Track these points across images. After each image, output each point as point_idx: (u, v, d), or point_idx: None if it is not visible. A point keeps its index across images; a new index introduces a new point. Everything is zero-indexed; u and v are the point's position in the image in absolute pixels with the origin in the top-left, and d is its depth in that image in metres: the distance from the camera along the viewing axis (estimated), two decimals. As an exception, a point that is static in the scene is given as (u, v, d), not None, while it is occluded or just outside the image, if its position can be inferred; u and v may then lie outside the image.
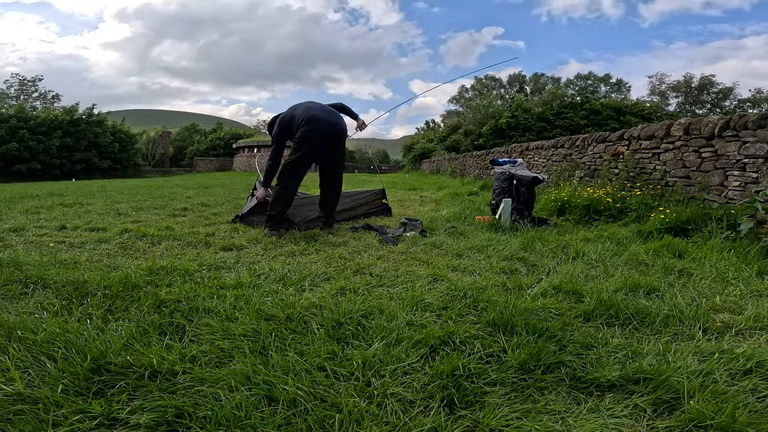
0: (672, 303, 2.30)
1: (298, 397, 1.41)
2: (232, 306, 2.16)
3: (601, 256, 3.41)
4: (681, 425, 1.33)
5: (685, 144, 5.06)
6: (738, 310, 2.29)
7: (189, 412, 1.33)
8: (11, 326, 1.81)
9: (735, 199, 4.24)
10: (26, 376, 1.48)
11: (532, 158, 10.15)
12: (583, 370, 1.62)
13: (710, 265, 3.15)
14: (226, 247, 3.65)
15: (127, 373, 1.53)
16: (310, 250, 3.60)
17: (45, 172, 31.40)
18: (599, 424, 1.33)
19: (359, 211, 5.52)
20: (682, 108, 37.93)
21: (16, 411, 1.30)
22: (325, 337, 1.85)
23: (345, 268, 3.01)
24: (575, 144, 7.88)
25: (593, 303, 2.24)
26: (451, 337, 1.85)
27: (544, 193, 6.90)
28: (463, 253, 3.53)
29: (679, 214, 4.34)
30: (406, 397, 1.46)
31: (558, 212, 5.89)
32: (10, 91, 40.67)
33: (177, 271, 2.77)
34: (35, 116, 32.89)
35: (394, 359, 1.67)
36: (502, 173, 5.50)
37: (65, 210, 6.12)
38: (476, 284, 2.59)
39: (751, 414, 1.36)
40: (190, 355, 1.65)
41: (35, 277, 2.50)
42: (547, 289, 2.50)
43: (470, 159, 17.60)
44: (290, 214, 4.58)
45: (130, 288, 2.39)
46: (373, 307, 2.16)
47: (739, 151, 4.24)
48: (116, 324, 1.92)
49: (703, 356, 1.74)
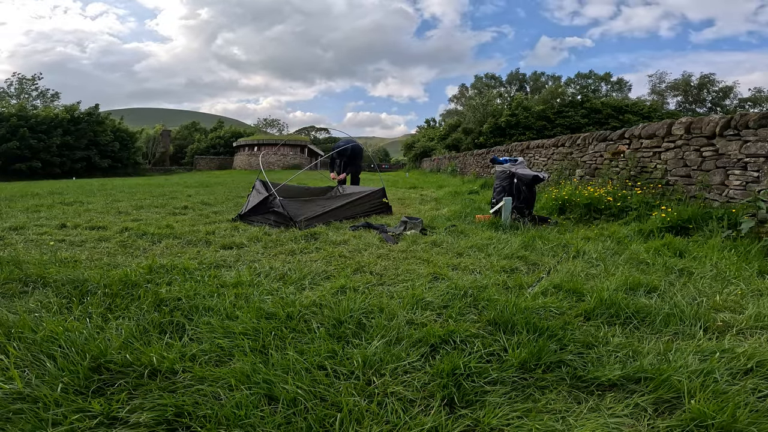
0: (673, 302, 2.30)
1: (299, 396, 1.40)
2: (232, 304, 2.16)
3: (602, 254, 3.41)
4: (682, 425, 1.32)
5: (686, 143, 5.05)
6: (739, 309, 2.28)
7: (189, 411, 1.32)
8: (11, 325, 1.81)
9: (736, 198, 4.23)
10: (26, 375, 1.48)
11: (532, 157, 10.14)
12: (583, 370, 1.62)
13: (711, 264, 3.14)
14: (227, 246, 3.65)
15: (127, 371, 1.52)
16: (311, 249, 3.60)
17: (45, 170, 31.39)
18: (600, 424, 1.33)
19: (359, 210, 5.51)
20: (682, 107, 37.86)
21: (15, 410, 1.30)
22: (326, 336, 1.84)
23: (345, 267, 3.01)
24: (576, 143, 7.87)
25: (594, 302, 2.23)
26: (452, 335, 1.85)
27: (545, 192, 6.89)
28: (463, 252, 3.53)
29: (679, 213, 4.33)
30: (406, 396, 1.45)
31: (558, 211, 5.88)
32: (11, 89, 40.65)
33: (177, 269, 2.76)
34: (36, 115, 32.87)
35: (394, 358, 1.66)
36: (502, 172, 5.50)
37: (65, 208, 6.12)
38: (477, 283, 2.59)
39: (752, 414, 1.36)
40: (190, 354, 1.65)
41: (35, 276, 2.50)
42: (547, 288, 2.50)
43: (471, 157, 17.59)
44: (295, 209, 4.70)
45: (130, 286, 2.38)
46: (374, 306, 2.16)
47: (741, 150, 4.23)
48: (116, 322, 1.91)
49: (704, 355, 1.73)
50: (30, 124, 31.26)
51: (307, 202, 5.07)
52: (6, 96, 39.37)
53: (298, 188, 6.70)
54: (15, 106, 33.14)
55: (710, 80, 36.95)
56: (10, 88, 40.76)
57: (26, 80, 41.21)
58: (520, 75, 45.73)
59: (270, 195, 4.97)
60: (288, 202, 4.89)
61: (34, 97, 40.44)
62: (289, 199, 5.02)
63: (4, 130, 30.01)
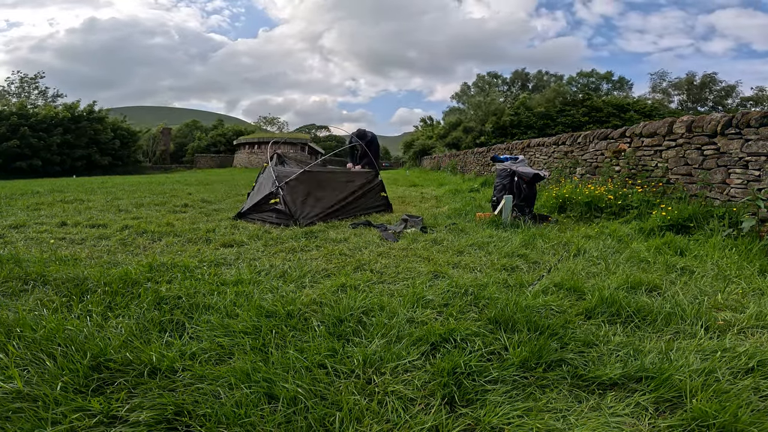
0: (674, 301, 2.29)
1: (299, 394, 1.40)
2: (233, 303, 2.16)
3: (603, 253, 3.40)
4: (683, 424, 1.32)
5: (687, 141, 5.04)
6: (740, 308, 2.28)
7: (189, 410, 1.32)
8: (11, 323, 1.80)
9: (737, 197, 4.22)
10: (26, 373, 1.48)
11: (533, 155, 10.12)
12: (584, 368, 1.61)
13: (712, 262, 3.13)
14: (227, 244, 3.64)
15: (127, 370, 1.52)
16: (311, 246, 3.59)
17: (46, 168, 31.36)
18: (601, 423, 1.32)
19: (359, 205, 5.50)
20: (684, 105, 37.78)
21: (15, 409, 1.29)
22: (326, 334, 1.84)
23: (345, 265, 3.00)
24: (577, 141, 7.85)
25: (594, 300, 2.23)
26: (452, 334, 1.84)
27: (546, 190, 6.88)
28: (464, 250, 3.52)
29: (680, 212, 4.32)
30: (406, 395, 1.45)
31: (559, 209, 5.88)
32: (11, 88, 40.61)
33: (177, 267, 2.76)
34: (36, 113, 32.82)
35: (394, 356, 1.66)
36: (503, 170, 5.49)
37: (66, 206, 6.12)
38: (477, 281, 2.58)
39: (754, 413, 1.35)
40: (190, 352, 1.65)
41: (35, 274, 2.49)
42: (548, 287, 2.49)
43: (471, 156, 17.56)
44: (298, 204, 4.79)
45: (130, 284, 2.38)
46: (374, 304, 2.16)
47: (742, 149, 4.22)
48: (116, 321, 1.91)
49: (705, 354, 1.73)
50: (30, 122, 31.24)
51: (308, 197, 5.03)
52: (6, 95, 39.34)
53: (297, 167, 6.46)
54: (15, 105, 33.11)
55: (712, 79, 36.86)
56: (11, 86, 40.73)
57: (27, 79, 41.15)
58: (524, 73, 45.60)
59: (274, 189, 4.95)
60: (290, 196, 4.85)
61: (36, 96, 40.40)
62: (290, 185, 4.98)
63: (5, 128, 29.99)
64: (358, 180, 5.72)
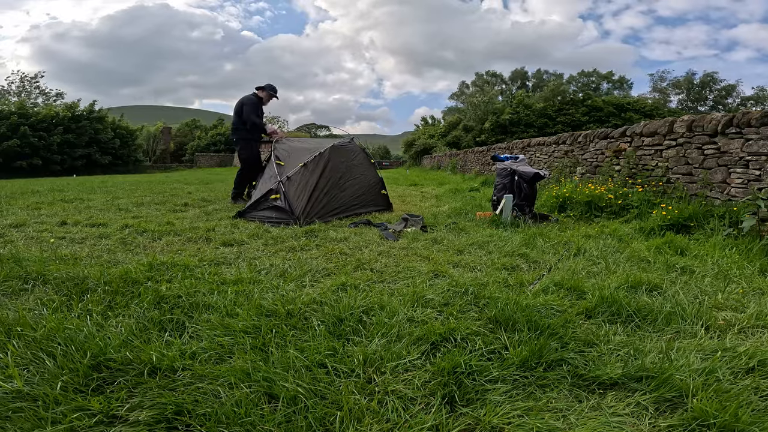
0: (674, 300, 2.29)
1: (299, 394, 1.40)
2: (233, 302, 2.15)
3: (603, 252, 3.40)
4: (684, 424, 1.32)
5: (687, 141, 5.03)
6: (740, 307, 2.28)
7: (189, 409, 1.32)
8: (11, 323, 1.80)
9: (737, 197, 4.22)
10: (25, 373, 1.48)
11: (533, 154, 10.11)
12: (585, 368, 1.61)
13: (712, 262, 3.13)
14: (227, 243, 3.64)
15: (127, 369, 1.52)
16: (311, 246, 3.59)
17: (46, 168, 31.37)
18: (601, 422, 1.32)
19: (359, 202, 5.49)
20: (684, 105, 37.77)
21: (15, 408, 1.29)
22: (326, 334, 1.84)
23: (346, 264, 3.00)
24: (577, 140, 7.84)
25: (595, 300, 2.23)
26: (452, 333, 1.84)
27: (546, 190, 6.88)
28: (464, 249, 3.52)
29: (681, 211, 4.32)
30: (407, 395, 1.45)
31: (559, 208, 5.87)
32: (11, 87, 40.58)
33: (177, 266, 2.76)
34: (36, 113, 32.82)
35: (395, 356, 1.66)
36: (503, 169, 5.48)
37: (66, 206, 6.12)
38: (477, 280, 2.58)
39: (754, 413, 1.35)
40: (190, 352, 1.65)
41: (35, 273, 2.49)
42: (548, 286, 2.49)
43: (471, 155, 17.55)
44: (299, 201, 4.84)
45: (131, 284, 2.38)
46: (374, 303, 2.15)
47: (743, 149, 4.21)
48: (116, 320, 1.91)
49: (706, 354, 1.72)
50: (31, 122, 31.24)
51: (313, 192, 4.99)
52: (6, 94, 39.31)
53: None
54: (15, 104, 33.09)
55: (713, 78, 36.83)
56: (11, 86, 40.70)
57: (28, 78, 41.13)
58: (523, 72, 45.57)
59: (274, 185, 4.94)
60: (291, 192, 4.84)
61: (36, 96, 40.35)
62: (291, 179, 4.98)
63: (5, 128, 29.99)
64: (362, 172, 5.70)
